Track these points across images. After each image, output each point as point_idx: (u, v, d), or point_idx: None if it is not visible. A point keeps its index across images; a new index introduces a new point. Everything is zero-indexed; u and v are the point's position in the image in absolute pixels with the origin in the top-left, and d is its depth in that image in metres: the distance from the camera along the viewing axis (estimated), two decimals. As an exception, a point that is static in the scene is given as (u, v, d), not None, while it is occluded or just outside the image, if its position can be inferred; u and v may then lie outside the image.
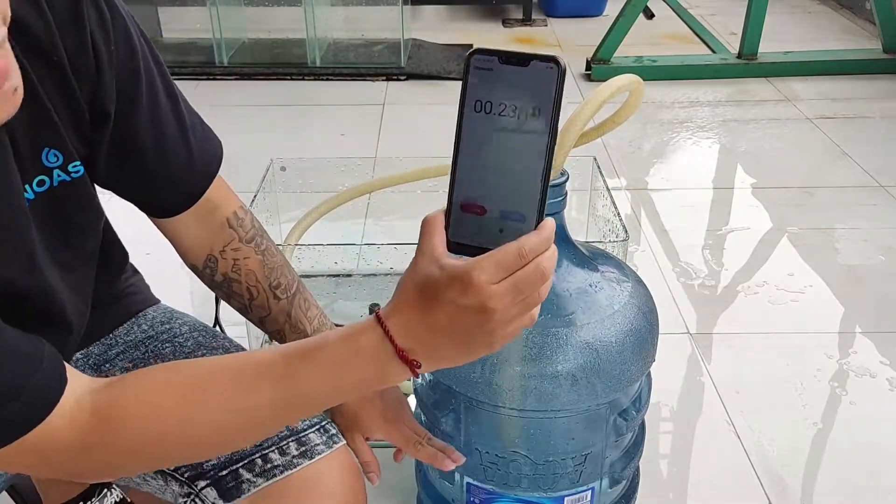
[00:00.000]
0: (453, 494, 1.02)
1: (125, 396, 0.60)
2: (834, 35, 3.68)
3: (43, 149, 0.65)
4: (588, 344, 0.86)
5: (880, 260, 1.96)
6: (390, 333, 0.57)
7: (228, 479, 0.78)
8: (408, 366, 0.58)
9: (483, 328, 0.56)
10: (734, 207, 2.25)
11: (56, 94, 0.64)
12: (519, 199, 0.56)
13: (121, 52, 0.68)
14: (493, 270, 0.54)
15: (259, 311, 0.86)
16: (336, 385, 0.60)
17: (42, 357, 0.58)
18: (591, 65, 3.10)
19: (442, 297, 0.55)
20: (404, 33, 3.22)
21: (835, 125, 2.71)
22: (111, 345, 0.87)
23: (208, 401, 0.60)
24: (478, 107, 0.56)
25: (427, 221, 0.58)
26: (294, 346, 0.61)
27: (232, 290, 0.85)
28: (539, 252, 0.55)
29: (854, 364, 1.60)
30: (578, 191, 1.62)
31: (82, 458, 0.60)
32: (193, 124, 0.78)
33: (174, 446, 0.62)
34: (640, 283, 0.96)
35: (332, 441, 0.81)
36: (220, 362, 0.63)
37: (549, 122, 0.55)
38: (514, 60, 0.55)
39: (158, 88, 0.73)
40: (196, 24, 3.36)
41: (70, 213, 0.70)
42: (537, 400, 0.86)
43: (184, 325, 0.90)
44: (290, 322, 0.86)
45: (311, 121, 2.85)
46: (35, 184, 0.65)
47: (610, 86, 0.85)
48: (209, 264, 0.83)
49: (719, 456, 1.40)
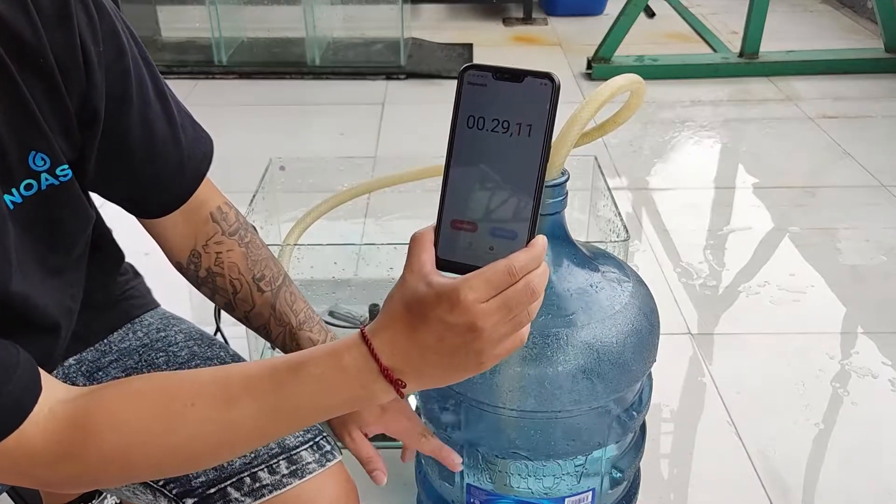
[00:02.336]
0: (453, 495, 1.01)
1: (101, 406, 0.58)
2: (835, 34, 3.67)
3: (30, 152, 0.64)
4: (589, 344, 0.86)
5: (882, 260, 1.95)
6: (375, 352, 0.56)
7: (216, 498, 0.76)
8: (392, 385, 0.56)
9: (471, 347, 0.55)
10: (735, 207, 2.25)
11: (43, 96, 0.63)
12: (510, 217, 0.55)
13: (109, 52, 0.67)
14: (482, 288, 0.53)
15: (243, 304, 0.84)
16: (321, 402, 0.58)
17: (17, 365, 0.57)
18: (591, 64, 3.09)
19: (429, 316, 0.54)
20: (404, 32, 3.22)
21: (836, 125, 2.71)
22: (105, 352, 0.86)
23: (188, 413, 0.58)
24: (470, 122, 0.55)
25: (416, 238, 0.57)
26: (281, 360, 0.59)
27: (216, 285, 0.83)
28: (529, 270, 0.54)
29: (856, 364, 1.59)
30: (579, 190, 1.61)
31: (57, 467, 0.59)
32: (184, 123, 0.77)
33: (151, 458, 0.60)
34: (641, 284, 0.95)
35: (325, 459, 0.79)
36: (204, 374, 0.62)
37: (543, 138, 0.53)
38: (508, 76, 0.54)
39: (148, 87, 0.72)
40: (195, 22, 3.35)
41: (59, 218, 0.69)
42: (538, 401, 0.86)
43: (180, 332, 0.88)
44: (275, 315, 0.84)
45: (311, 120, 2.84)
46: (23, 187, 0.64)
47: (610, 85, 0.84)
48: (193, 259, 0.82)
49: (720, 456, 1.39)
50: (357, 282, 1.51)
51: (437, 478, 1.02)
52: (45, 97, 0.63)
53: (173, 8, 3.60)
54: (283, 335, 0.85)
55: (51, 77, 0.63)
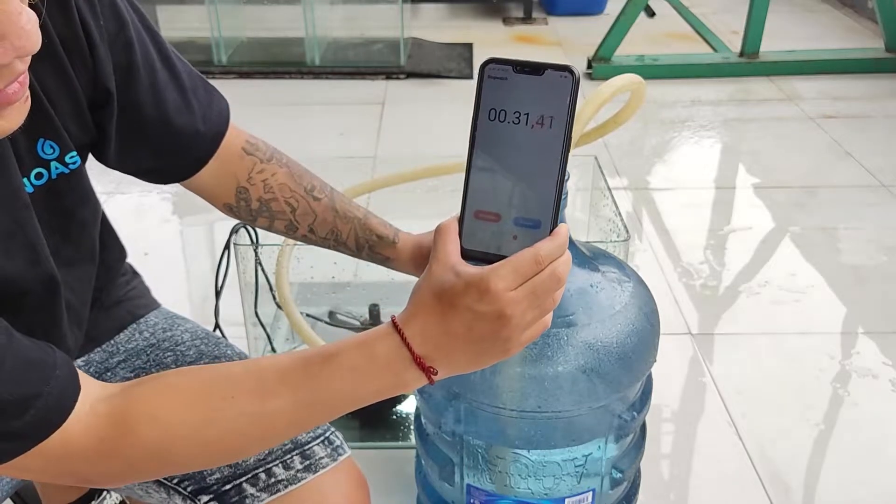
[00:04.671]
0: (453, 496, 1.01)
1: (140, 402, 0.59)
2: (836, 34, 3.67)
3: (38, 140, 0.64)
4: (589, 345, 0.85)
5: (883, 260, 1.95)
6: (407, 340, 0.57)
7: (232, 494, 0.77)
8: (424, 372, 0.58)
9: (499, 335, 0.56)
10: (736, 207, 2.25)
11: (51, 80, 0.63)
12: (533, 206, 0.56)
13: (110, 25, 0.66)
14: (510, 277, 0.55)
15: (305, 219, 0.83)
16: (354, 391, 0.59)
17: (55, 364, 0.57)
18: (591, 63, 3.09)
19: (459, 304, 0.55)
20: (404, 32, 3.22)
21: (837, 124, 2.71)
22: (112, 352, 0.86)
23: (227, 406, 0.59)
24: (492, 115, 0.56)
25: (441, 229, 0.58)
26: (313, 352, 0.60)
27: (272, 211, 0.82)
28: (554, 258, 0.56)
29: (856, 365, 1.59)
30: (580, 190, 1.61)
31: (100, 463, 0.59)
32: (195, 87, 0.76)
33: (190, 451, 0.61)
34: (642, 284, 0.95)
35: (336, 453, 0.80)
36: (236, 367, 0.62)
37: (564, 129, 0.55)
38: (529, 70, 0.55)
39: (153, 56, 0.72)
40: (195, 22, 3.35)
41: (71, 207, 0.69)
42: (538, 401, 0.86)
43: (185, 332, 0.88)
44: (339, 215, 0.83)
45: (310, 120, 2.84)
46: (33, 177, 0.64)
47: (611, 85, 0.84)
48: (241, 196, 0.81)
49: (721, 457, 1.39)
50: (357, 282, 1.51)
51: (437, 478, 1.02)
52: (53, 80, 0.63)
53: (173, 8, 3.60)
54: (354, 230, 0.83)
55: (56, 59, 0.63)
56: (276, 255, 1.28)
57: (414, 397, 1.01)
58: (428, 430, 1.01)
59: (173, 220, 2.15)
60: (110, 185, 2.21)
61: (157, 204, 2.20)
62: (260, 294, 1.33)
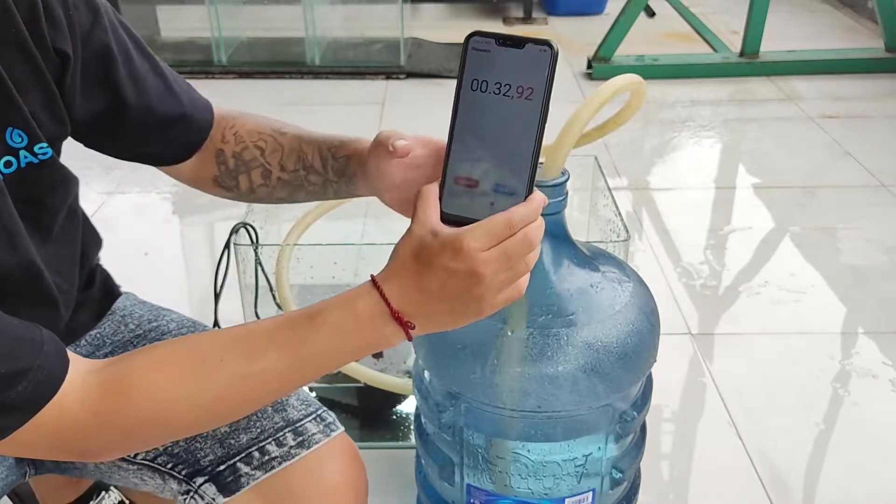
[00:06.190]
0: (453, 496, 1.01)
1: (132, 371, 0.61)
2: (836, 34, 3.67)
3: (6, 128, 0.65)
4: (589, 345, 0.86)
5: (883, 260, 1.95)
6: (386, 296, 0.60)
7: (227, 474, 0.77)
8: (402, 327, 0.60)
9: (472, 293, 0.59)
10: (736, 207, 2.25)
11: (19, 68, 0.64)
12: (510, 174, 0.59)
13: (82, 14, 0.69)
14: (483, 238, 0.57)
15: (275, 156, 0.83)
16: (339, 347, 0.62)
17: (42, 341, 0.59)
18: (591, 63, 3.09)
19: (435, 263, 0.58)
20: (404, 32, 3.22)
21: (837, 124, 2.71)
22: (98, 345, 0.86)
23: (219, 368, 0.61)
24: (475, 85, 0.58)
25: (422, 192, 0.60)
26: (297, 312, 0.63)
27: (245, 162, 0.83)
28: (527, 223, 0.58)
29: (856, 365, 1.59)
30: (579, 190, 1.61)
31: (97, 434, 0.61)
32: (176, 79, 0.80)
33: (186, 416, 0.62)
34: (642, 284, 0.95)
35: (328, 430, 0.81)
36: (224, 333, 0.64)
37: (542, 101, 0.57)
38: (511, 43, 0.58)
39: (128, 46, 0.74)
40: (195, 22, 3.35)
41: (41, 196, 0.70)
42: (538, 401, 0.86)
43: (171, 321, 0.89)
44: (304, 139, 0.82)
45: (311, 120, 2.82)
46: (2, 165, 0.66)
47: (611, 85, 0.84)
48: (220, 160, 0.83)
49: (721, 457, 1.39)
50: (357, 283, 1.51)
51: (437, 478, 1.02)
52: (21, 68, 0.64)
53: (173, 7, 3.60)
54: (317, 147, 0.81)
55: (23, 46, 0.64)
56: (276, 256, 1.28)
57: (414, 397, 1.01)
58: (428, 430, 1.01)
59: (173, 220, 2.15)
60: (111, 184, 2.21)
61: (157, 204, 2.19)
62: (260, 294, 1.33)
